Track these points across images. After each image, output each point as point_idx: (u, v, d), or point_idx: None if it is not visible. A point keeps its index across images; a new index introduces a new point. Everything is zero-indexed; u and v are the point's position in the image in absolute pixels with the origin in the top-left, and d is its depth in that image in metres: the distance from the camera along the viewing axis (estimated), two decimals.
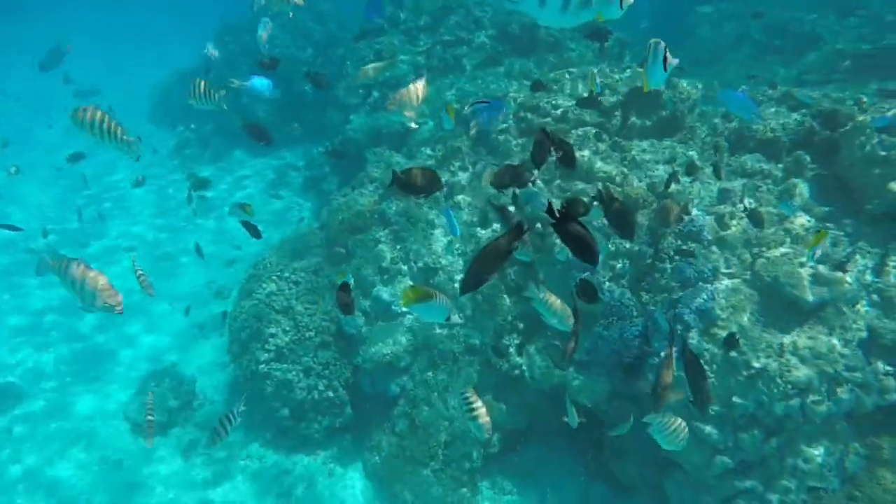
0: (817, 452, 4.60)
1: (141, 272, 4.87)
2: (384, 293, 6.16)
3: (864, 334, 4.63)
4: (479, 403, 3.72)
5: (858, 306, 4.69)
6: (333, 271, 6.64)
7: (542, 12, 2.24)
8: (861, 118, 5.37)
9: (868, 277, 4.83)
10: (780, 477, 4.60)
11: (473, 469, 5.72)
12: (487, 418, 3.67)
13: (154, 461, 6.32)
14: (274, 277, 6.74)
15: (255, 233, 5.02)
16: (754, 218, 5.00)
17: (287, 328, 6.40)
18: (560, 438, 5.87)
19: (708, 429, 4.63)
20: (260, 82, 5.47)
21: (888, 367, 4.64)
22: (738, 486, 4.64)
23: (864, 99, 5.65)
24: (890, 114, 5.28)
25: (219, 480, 6.13)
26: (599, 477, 5.62)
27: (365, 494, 5.89)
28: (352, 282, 5.22)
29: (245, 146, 11.44)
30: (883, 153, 5.13)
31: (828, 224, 5.17)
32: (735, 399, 4.53)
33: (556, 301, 3.81)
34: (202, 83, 4.44)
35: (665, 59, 3.10)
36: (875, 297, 4.76)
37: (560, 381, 5.36)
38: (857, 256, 4.90)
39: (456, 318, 3.17)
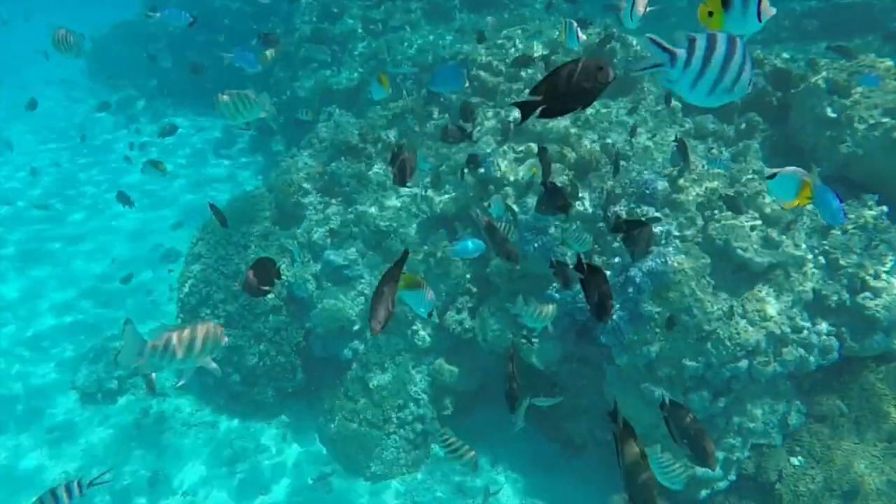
0: (761, 411, 4.56)
1: None
2: (335, 256, 5.83)
3: (809, 296, 4.55)
4: (458, 442, 3.70)
5: (805, 268, 4.60)
6: (284, 234, 6.27)
7: (691, 94, 2.07)
8: (813, 79, 5.19)
9: (815, 240, 4.73)
10: (726, 435, 4.55)
11: (427, 431, 5.55)
12: (473, 452, 3.69)
13: (107, 428, 5.98)
14: (222, 241, 6.32)
15: (127, 201, 4.73)
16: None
17: (237, 292, 6.04)
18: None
19: (658, 391, 4.52)
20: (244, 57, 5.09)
21: (830, 328, 4.60)
22: None
23: (819, 59, 5.47)
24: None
25: (171, 446, 5.83)
26: (551, 437, 5.53)
27: (319, 458, 5.69)
28: (297, 254, 4.91)
29: (191, 104, 10.74)
30: (833, 115, 4.98)
31: None
32: (685, 361, 4.42)
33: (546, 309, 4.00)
34: (248, 93, 3.95)
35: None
36: (821, 259, 4.67)
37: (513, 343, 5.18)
38: (806, 219, 4.79)
39: (434, 318, 3.16)
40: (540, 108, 2.04)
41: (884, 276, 4.58)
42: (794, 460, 4.60)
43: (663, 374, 4.51)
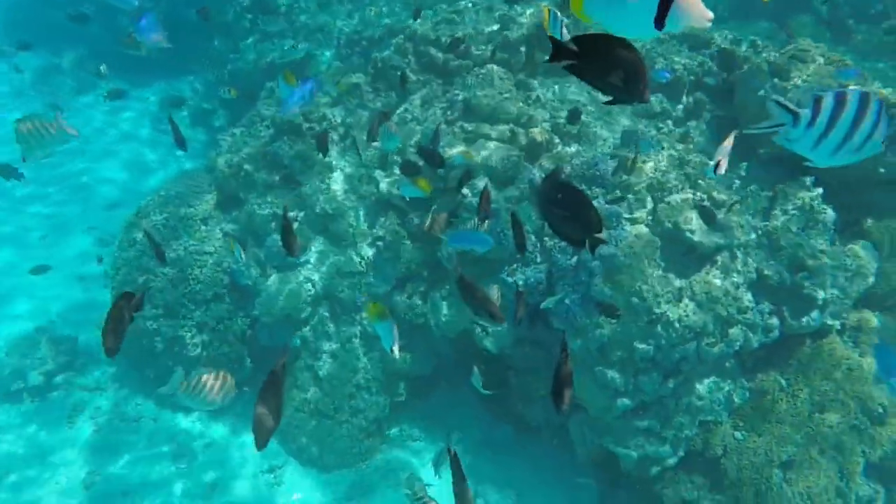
0: (708, 389, 4.58)
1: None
2: (280, 241, 5.50)
3: (753, 276, 4.55)
4: (427, 499, 3.64)
5: (750, 250, 4.59)
6: (225, 219, 5.87)
7: (814, 153, 1.97)
8: (756, 60, 5.14)
9: (758, 221, 4.73)
10: (675, 415, 4.56)
11: (381, 418, 5.38)
12: None
13: (38, 426, 5.54)
14: (158, 226, 5.88)
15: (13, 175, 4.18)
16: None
17: (176, 281, 5.65)
18: (466, 383, 5.60)
19: (611, 373, 4.47)
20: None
21: (772, 307, 4.63)
22: (637, 426, 4.56)
23: (759, 41, 5.43)
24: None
25: (110, 443, 5.47)
26: (505, 419, 5.45)
27: (269, 450, 5.44)
28: (240, 254, 4.60)
29: (126, 75, 9.95)
30: (775, 97, 4.94)
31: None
32: (636, 344, 4.37)
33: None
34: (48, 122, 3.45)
35: None
36: (764, 240, 4.68)
37: (466, 328, 5.04)
38: (750, 199, 4.78)
39: (397, 354, 3.14)
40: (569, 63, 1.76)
41: (819, 255, 4.62)
42: (738, 435, 4.66)
43: (615, 357, 4.45)
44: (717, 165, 2.85)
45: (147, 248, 5.77)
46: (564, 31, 3.42)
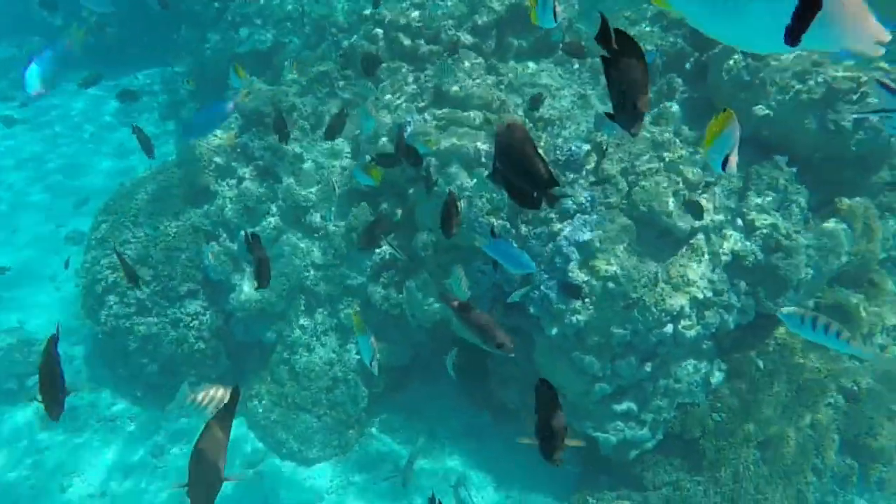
0: (686, 372, 4.52)
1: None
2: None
3: (729, 258, 4.49)
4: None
5: (725, 231, 4.53)
6: (196, 214, 5.69)
7: None
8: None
9: (732, 202, 4.66)
10: (653, 398, 4.50)
11: (359, 410, 5.28)
12: None
13: (11, 431, 5.37)
14: (128, 223, 5.69)
15: None
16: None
17: (147, 278, 5.47)
18: (445, 371, 5.51)
19: (588, 359, 4.39)
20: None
21: (748, 288, 4.58)
22: (616, 410, 4.50)
23: None
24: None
25: (86, 444, 5.32)
26: (485, 406, 5.37)
27: (248, 445, 5.32)
28: (210, 256, 4.49)
29: (94, 67, 9.62)
30: (748, 78, 4.85)
31: (698, 147, 4.91)
32: (613, 329, 4.30)
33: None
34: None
35: None
36: (739, 220, 4.61)
37: (441, 317, 4.93)
38: (724, 181, 4.70)
39: (375, 370, 3.08)
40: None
41: (794, 235, 4.57)
42: (716, 416, 4.62)
43: (592, 342, 4.37)
44: (725, 161, 2.22)
45: (117, 248, 5.59)
46: (558, 8, 3.21)
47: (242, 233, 3.23)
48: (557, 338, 4.48)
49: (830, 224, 4.69)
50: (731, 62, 4.89)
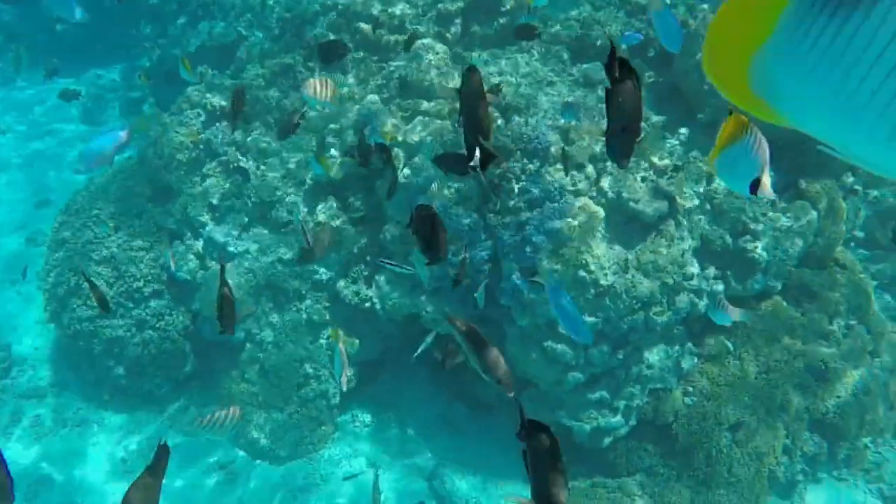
0: (657, 358, 4.47)
1: None
2: (217, 233, 5.17)
3: (698, 242, 4.44)
4: None
5: (693, 216, 4.47)
6: (159, 212, 5.48)
7: None
8: (693, 25, 4.97)
9: (700, 186, 4.60)
10: (625, 385, 4.45)
11: (331, 407, 5.15)
12: None
13: None
14: (90, 223, 5.46)
15: None
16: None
17: (111, 280, 5.27)
18: (417, 364, 5.41)
19: (560, 348, 4.32)
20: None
21: (717, 272, 4.54)
22: (589, 398, 4.44)
23: (695, 4, 5.25)
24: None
25: (54, 451, 5.12)
26: (458, 398, 5.28)
27: (219, 446, 5.16)
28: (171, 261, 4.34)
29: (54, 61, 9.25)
30: None
31: (665, 133, 4.85)
32: (585, 317, 4.22)
33: None
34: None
35: None
36: (707, 205, 4.56)
37: (412, 311, 4.82)
38: (691, 165, 4.64)
39: (344, 386, 3.06)
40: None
41: (761, 219, 4.54)
42: (688, 400, 4.58)
43: (564, 332, 4.29)
44: (755, 184, 1.79)
45: (79, 249, 5.36)
46: None
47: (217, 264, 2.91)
48: (529, 328, 4.40)
49: (796, 206, 4.67)
50: (697, 46, 4.82)
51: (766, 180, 1.74)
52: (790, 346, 4.59)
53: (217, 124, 5.47)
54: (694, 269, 4.34)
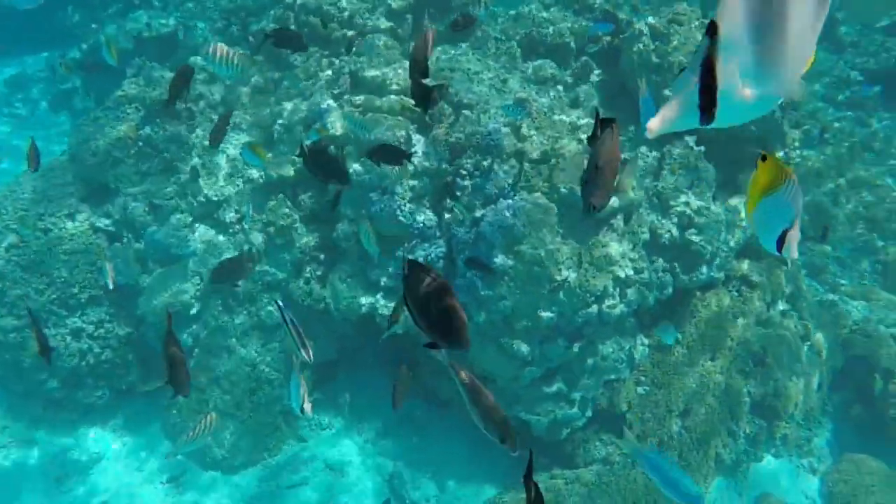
0: (611, 350, 4.54)
1: None
2: (160, 235, 4.89)
3: (647, 236, 4.52)
4: None
5: (643, 210, 4.55)
6: (94, 213, 5.14)
7: None
8: (637, 24, 5.05)
9: (648, 181, 4.69)
10: (581, 377, 4.49)
11: (286, 410, 4.97)
12: None
13: None
14: (14, 226, 5.05)
15: None
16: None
17: (41, 287, 4.90)
18: (374, 362, 5.30)
19: (517, 343, 4.31)
20: None
21: (665, 264, 4.64)
22: (546, 392, 4.46)
23: (638, 5, 5.34)
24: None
25: None
26: (416, 395, 5.20)
27: (165, 458, 4.91)
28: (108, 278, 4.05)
29: None
30: (657, 60, 4.89)
31: None
32: (540, 313, 4.23)
33: None
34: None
35: None
36: (655, 199, 4.65)
37: (368, 309, 4.70)
38: (640, 161, 4.72)
39: (308, 411, 2.90)
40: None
41: (705, 211, 4.66)
42: (640, 389, 4.68)
43: (520, 327, 4.29)
44: (781, 239, 1.52)
45: (2, 255, 4.95)
46: None
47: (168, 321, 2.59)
48: (485, 324, 4.36)
49: (736, 199, 4.83)
50: (641, 45, 4.90)
51: (796, 235, 1.47)
52: (733, 334, 4.75)
53: (158, 120, 5.16)
54: (644, 262, 4.42)
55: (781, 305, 5.15)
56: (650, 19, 4.98)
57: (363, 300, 4.67)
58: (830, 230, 5.35)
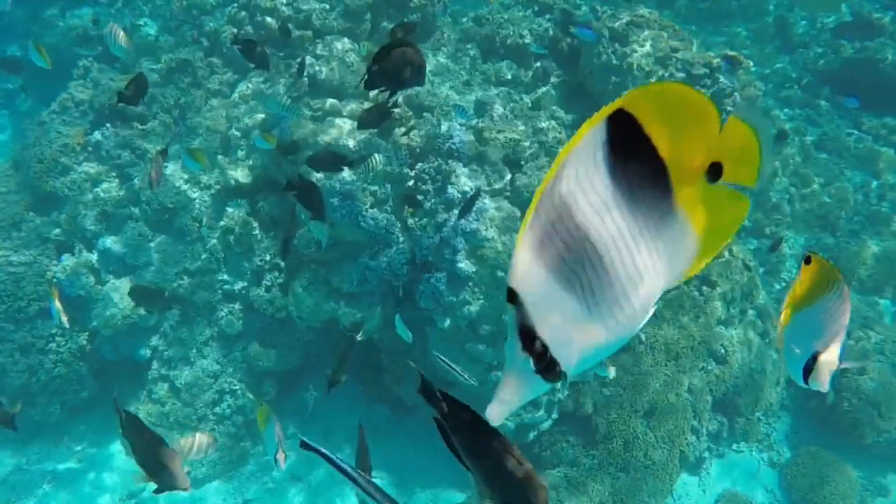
0: None
1: None
2: (113, 244, 4.68)
3: None
4: None
5: None
6: (44, 223, 4.89)
7: None
8: (597, 26, 5.02)
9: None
10: None
11: (249, 421, 4.83)
12: None
13: None
14: None
15: None
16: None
17: None
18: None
19: (482, 348, 4.26)
20: None
21: None
22: None
23: (598, 6, 5.32)
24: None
25: None
26: (381, 401, 5.11)
27: (124, 474, 4.72)
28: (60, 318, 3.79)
29: None
30: (616, 62, 4.87)
31: (574, 131, 4.88)
32: (505, 317, 4.17)
33: None
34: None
35: None
36: None
37: (331, 315, 4.59)
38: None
39: (282, 465, 2.75)
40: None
41: None
42: (606, 391, 4.68)
43: (485, 331, 4.24)
44: (809, 370, 1.23)
45: None
46: None
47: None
48: (450, 329, 4.30)
49: None
50: (601, 47, 4.88)
51: (831, 361, 1.15)
52: (695, 333, 4.79)
53: (107, 124, 4.94)
54: None
55: (741, 304, 5.22)
56: (609, 21, 4.96)
57: (326, 307, 4.55)
58: (784, 242, 5.43)
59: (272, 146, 4.00)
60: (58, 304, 3.70)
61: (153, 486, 4.49)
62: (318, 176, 4.39)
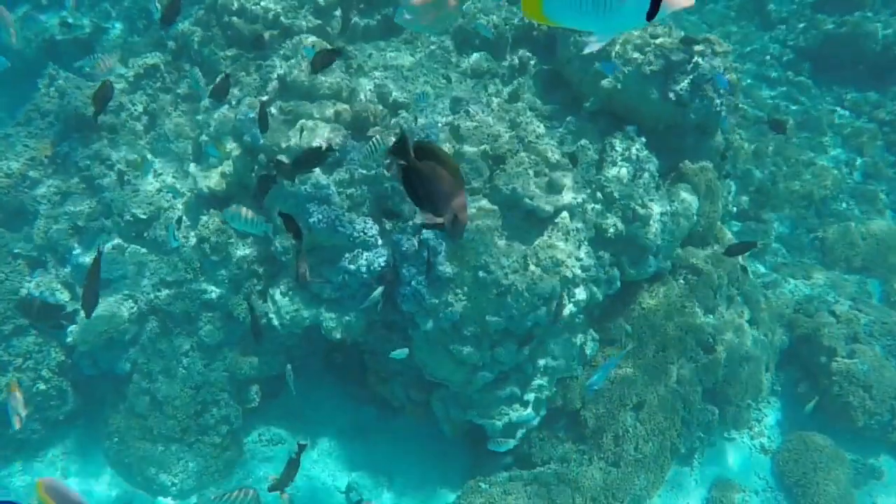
0: (562, 348, 4.39)
1: None
2: (87, 258, 4.51)
3: (592, 232, 4.36)
4: None
5: (587, 206, 4.38)
6: (13, 239, 4.71)
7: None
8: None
9: (591, 175, 4.52)
10: (534, 378, 4.34)
11: (235, 430, 4.71)
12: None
13: None
14: None
15: None
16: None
17: None
18: (324, 373, 5.07)
19: (467, 349, 4.12)
20: None
21: (612, 258, 4.50)
22: (499, 395, 4.30)
23: None
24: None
25: None
26: (367, 402, 4.99)
27: (113, 486, 4.60)
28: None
29: None
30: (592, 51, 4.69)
31: (553, 122, 4.72)
32: (489, 318, 4.04)
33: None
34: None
35: None
36: (598, 193, 4.49)
37: (313, 321, 4.45)
38: (581, 154, 4.54)
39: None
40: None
41: (649, 204, 4.53)
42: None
43: (469, 332, 4.11)
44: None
45: None
46: None
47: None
48: (434, 331, 4.17)
49: (679, 189, 4.71)
50: (576, 35, 4.69)
51: None
52: (682, 323, 4.67)
53: (75, 135, 4.74)
54: (591, 259, 4.26)
55: (728, 291, 5.09)
56: None
57: (306, 313, 4.41)
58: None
59: (222, 155, 3.81)
60: (19, 402, 3.27)
61: (141, 495, 4.35)
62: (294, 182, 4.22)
